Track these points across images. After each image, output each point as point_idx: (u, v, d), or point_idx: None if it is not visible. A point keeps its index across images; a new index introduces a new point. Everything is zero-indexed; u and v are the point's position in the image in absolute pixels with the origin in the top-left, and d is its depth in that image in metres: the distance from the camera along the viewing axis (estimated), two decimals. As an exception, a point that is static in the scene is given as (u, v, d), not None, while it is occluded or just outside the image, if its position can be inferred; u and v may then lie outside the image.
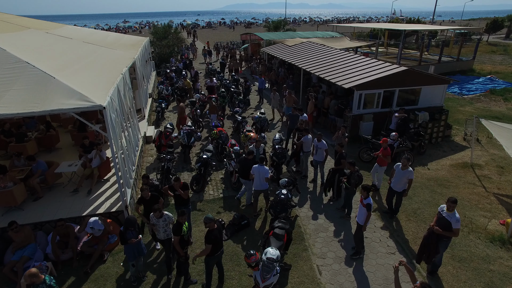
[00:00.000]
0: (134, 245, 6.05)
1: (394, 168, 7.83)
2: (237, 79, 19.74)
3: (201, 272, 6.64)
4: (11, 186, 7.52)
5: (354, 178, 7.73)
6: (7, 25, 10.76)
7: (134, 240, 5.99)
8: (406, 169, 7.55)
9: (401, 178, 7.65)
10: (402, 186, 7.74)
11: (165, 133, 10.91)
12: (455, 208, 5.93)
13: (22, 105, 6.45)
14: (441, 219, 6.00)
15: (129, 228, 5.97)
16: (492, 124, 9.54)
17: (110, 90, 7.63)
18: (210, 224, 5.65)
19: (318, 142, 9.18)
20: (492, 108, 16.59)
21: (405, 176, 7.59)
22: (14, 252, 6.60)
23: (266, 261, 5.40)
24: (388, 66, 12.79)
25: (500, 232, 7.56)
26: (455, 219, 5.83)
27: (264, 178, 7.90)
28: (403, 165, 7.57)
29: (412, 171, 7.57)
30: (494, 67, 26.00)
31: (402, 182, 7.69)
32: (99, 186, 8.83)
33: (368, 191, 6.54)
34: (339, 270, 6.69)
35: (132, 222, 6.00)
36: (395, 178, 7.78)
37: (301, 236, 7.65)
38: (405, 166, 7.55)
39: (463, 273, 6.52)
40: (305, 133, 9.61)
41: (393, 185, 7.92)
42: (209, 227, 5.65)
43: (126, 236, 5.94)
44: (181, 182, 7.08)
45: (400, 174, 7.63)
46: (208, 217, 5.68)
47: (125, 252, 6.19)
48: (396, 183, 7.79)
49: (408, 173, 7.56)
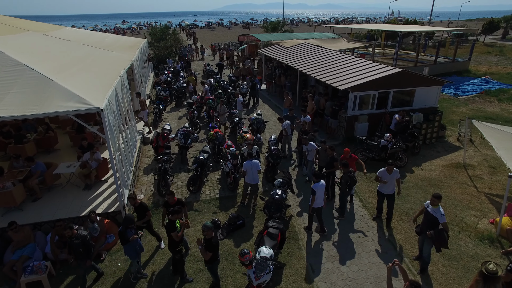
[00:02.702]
0: (135, 242, 6.19)
1: (378, 174, 7.76)
2: (235, 80, 19.89)
3: (196, 271, 6.79)
4: (10, 187, 7.65)
5: (345, 179, 7.91)
6: (6, 27, 10.91)
7: (136, 236, 6.13)
8: (392, 171, 7.61)
9: (389, 182, 7.68)
10: (391, 188, 7.78)
11: (162, 135, 11.05)
12: (439, 204, 6.19)
13: (22, 108, 6.60)
14: (427, 215, 6.31)
15: (129, 226, 6.11)
16: (483, 125, 9.73)
17: (108, 92, 7.78)
18: (208, 232, 5.69)
19: (306, 146, 9.44)
20: (486, 109, 16.80)
21: (393, 178, 7.65)
22: (14, 251, 6.75)
23: (259, 260, 5.56)
24: (383, 68, 12.97)
25: (490, 231, 7.74)
26: (440, 214, 6.11)
27: (256, 171, 8.35)
28: (389, 170, 7.59)
29: (397, 171, 7.68)
30: (489, 68, 26.24)
31: (391, 185, 7.74)
32: (97, 187, 8.97)
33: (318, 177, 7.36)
34: (331, 269, 6.85)
35: (131, 219, 6.14)
36: (382, 183, 7.77)
37: (295, 236, 7.81)
38: (391, 170, 7.59)
39: (452, 271, 6.69)
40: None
41: (381, 189, 7.90)
42: (207, 236, 5.70)
43: (127, 235, 6.05)
44: (175, 198, 7.03)
45: (387, 178, 7.64)
46: (206, 225, 5.70)
47: (126, 253, 6.26)
48: (384, 187, 7.79)
49: (395, 174, 7.64)
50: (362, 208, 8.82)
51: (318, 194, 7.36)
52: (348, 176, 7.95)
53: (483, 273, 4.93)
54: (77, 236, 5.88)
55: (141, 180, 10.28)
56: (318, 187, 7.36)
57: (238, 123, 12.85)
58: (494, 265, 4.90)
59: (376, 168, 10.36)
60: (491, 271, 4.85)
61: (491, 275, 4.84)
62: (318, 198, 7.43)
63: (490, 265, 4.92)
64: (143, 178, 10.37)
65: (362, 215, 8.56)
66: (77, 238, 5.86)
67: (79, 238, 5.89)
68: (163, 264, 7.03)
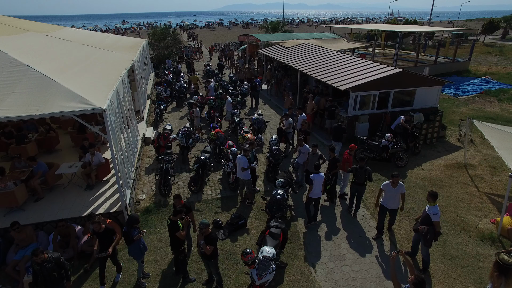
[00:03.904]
0: (139, 241, 6.18)
1: (382, 187, 7.28)
2: (235, 80, 19.91)
3: (199, 271, 6.81)
4: (12, 187, 7.67)
5: (362, 173, 7.95)
6: (7, 27, 10.92)
7: (141, 235, 6.12)
8: (397, 185, 7.12)
9: (393, 195, 7.18)
10: (396, 203, 7.28)
11: (163, 135, 11.07)
12: (435, 202, 6.27)
13: (24, 108, 6.60)
14: (424, 212, 6.45)
15: (133, 226, 6.11)
16: (484, 125, 9.76)
17: (109, 92, 7.79)
18: (206, 229, 5.77)
19: (301, 147, 9.40)
20: (486, 109, 16.83)
21: (397, 193, 7.16)
22: (16, 251, 6.76)
23: (262, 259, 5.58)
24: (384, 68, 12.99)
25: (491, 230, 7.77)
26: (432, 212, 6.18)
27: (241, 167, 8.49)
28: (394, 182, 7.08)
29: (403, 185, 7.18)
30: (489, 68, 26.28)
31: (396, 199, 7.23)
32: (99, 187, 8.99)
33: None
34: (333, 268, 6.87)
35: (136, 219, 6.13)
36: (386, 197, 7.31)
37: (297, 235, 7.83)
38: (396, 183, 7.09)
39: (454, 270, 6.71)
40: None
41: (385, 203, 7.36)
42: (205, 233, 5.78)
43: (132, 235, 6.04)
44: (182, 201, 7.03)
45: (392, 192, 7.14)
46: (203, 222, 5.77)
47: (130, 253, 6.26)
48: (388, 201, 7.29)
49: (400, 189, 7.14)
50: (364, 208, 8.84)
51: (316, 184, 7.68)
52: (365, 169, 7.95)
53: (500, 264, 4.81)
54: (49, 260, 5.25)
55: (142, 180, 10.30)
56: (317, 178, 7.67)
57: (239, 123, 12.87)
58: (509, 256, 4.85)
59: (377, 168, 10.46)
60: (508, 263, 4.78)
61: (509, 266, 4.76)
62: (316, 188, 7.73)
63: (505, 256, 4.83)
64: (145, 178, 10.39)
65: (363, 215, 8.57)
66: (50, 262, 5.24)
67: (52, 261, 5.27)
68: (165, 264, 7.04)
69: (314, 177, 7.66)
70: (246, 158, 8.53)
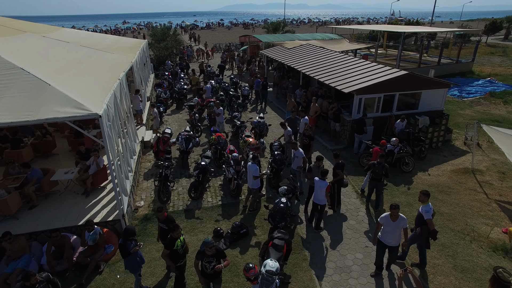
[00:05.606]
0: (136, 254, 5.89)
1: (380, 221, 6.22)
2: (236, 81, 19.62)
3: (198, 284, 6.51)
4: (4, 195, 7.38)
5: (379, 169, 8.14)
6: (3, 28, 10.63)
7: (137, 248, 5.83)
8: (398, 218, 6.01)
9: (393, 230, 6.09)
10: (396, 239, 6.19)
11: (163, 139, 10.78)
12: (427, 200, 6.23)
13: (16, 113, 6.32)
14: (417, 214, 6.40)
15: (130, 238, 5.82)
16: (493, 130, 9.45)
17: (106, 96, 7.51)
18: (211, 248, 5.42)
19: (295, 151, 9.05)
20: (492, 111, 16.51)
21: (398, 228, 6.03)
22: (8, 263, 6.46)
23: (265, 274, 5.26)
24: (388, 70, 12.69)
25: (503, 241, 7.45)
26: (424, 210, 6.05)
27: (252, 176, 8.23)
28: (393, 215, 5.97)
29: (405, 218, 6.02)
30: (493, 69, 25.93)
31: (396, 234, 6.10)
32: (95, 195, 8.69)
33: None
34: (339, 281, 6.57)
35: (133, 231, 5.84)
36: (385, 231, 6.25)
37: (300, 246, 7.53)
38: (396, 216, 5.97)
39: (466, 284, 6.40)
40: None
41: (383, 238, 6.30)
42: (209, 252, 5.45)
43: (128, 247, 5.75)
44: (165, 214, 6.51)
45: (392, 226, 6.05)
46: (207, 242, 5.37)
47: (126, 267, 5.96)
48: (387, 236, 6.22)
49: (401, 223, 5.99)
50: (370, 216, 8.54)
51: (316, 189, 7.62)
52: (383, 165, 8.14)
53: (497, 280, 4.52)
54: (40, 281, 5.03)
55: (141, 186, 10.01)
56: (319, 183, 7.55)
57: (240, 126, 12.58)
58: (509, 274, 4.54)
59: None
60: (506, 280, 4.49)
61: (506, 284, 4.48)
62: (318, 193, 7.62)
63: (505, 273, 4.56)
64: (143, 184, 10.10)
65: (369, 223, 8.27)
66: (41, 283, 5.03)
67: (44, 280, 5.08)
68: (163, 276, 6.74)
69: (316, 182, 7.60)
70: (257, 166, 8.26)
